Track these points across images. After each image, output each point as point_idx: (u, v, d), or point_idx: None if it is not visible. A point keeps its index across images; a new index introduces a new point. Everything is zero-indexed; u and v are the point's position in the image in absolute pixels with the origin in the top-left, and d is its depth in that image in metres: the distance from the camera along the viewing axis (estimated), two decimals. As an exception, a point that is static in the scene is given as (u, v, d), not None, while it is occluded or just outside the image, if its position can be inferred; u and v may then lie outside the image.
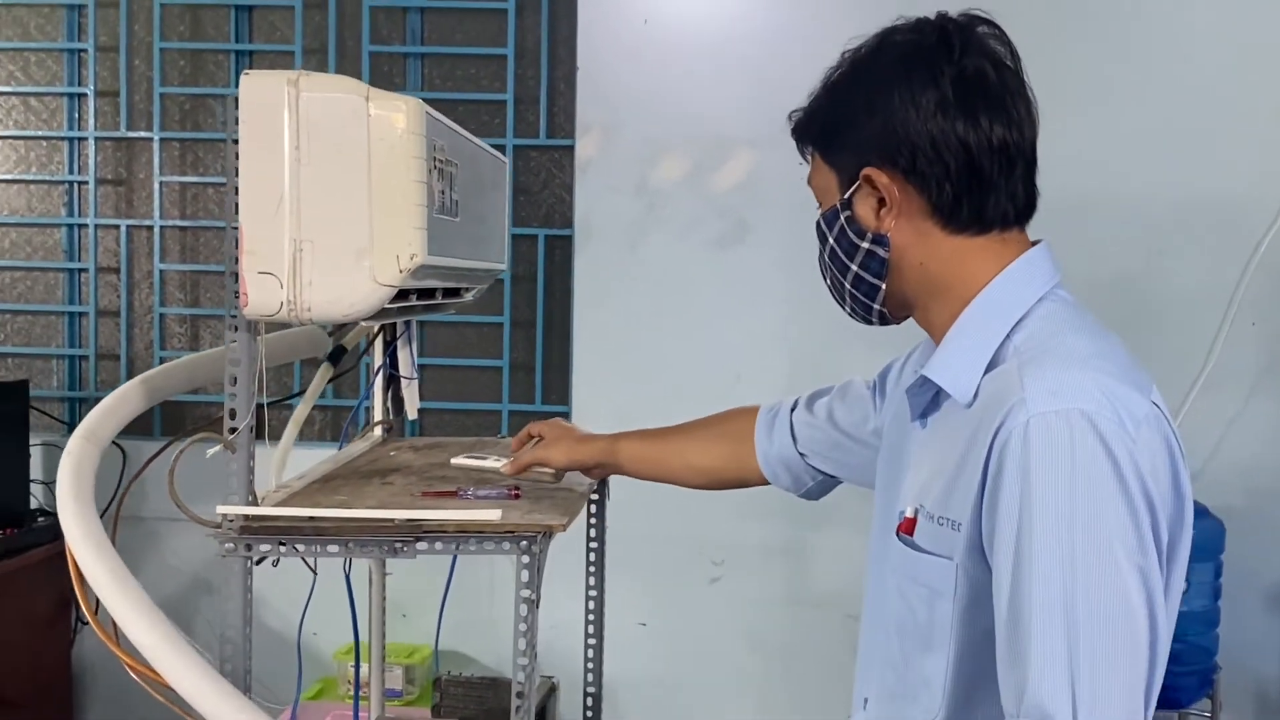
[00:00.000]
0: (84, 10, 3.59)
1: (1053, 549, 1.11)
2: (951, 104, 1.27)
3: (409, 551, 1.81)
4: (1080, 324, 1.28)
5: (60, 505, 1.87)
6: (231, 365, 1.81)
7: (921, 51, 1.29)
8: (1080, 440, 1.12)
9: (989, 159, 1.28)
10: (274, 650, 3.41)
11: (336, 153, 1.72)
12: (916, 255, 1.32)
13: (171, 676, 1.73)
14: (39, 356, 3.68)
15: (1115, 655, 1.10)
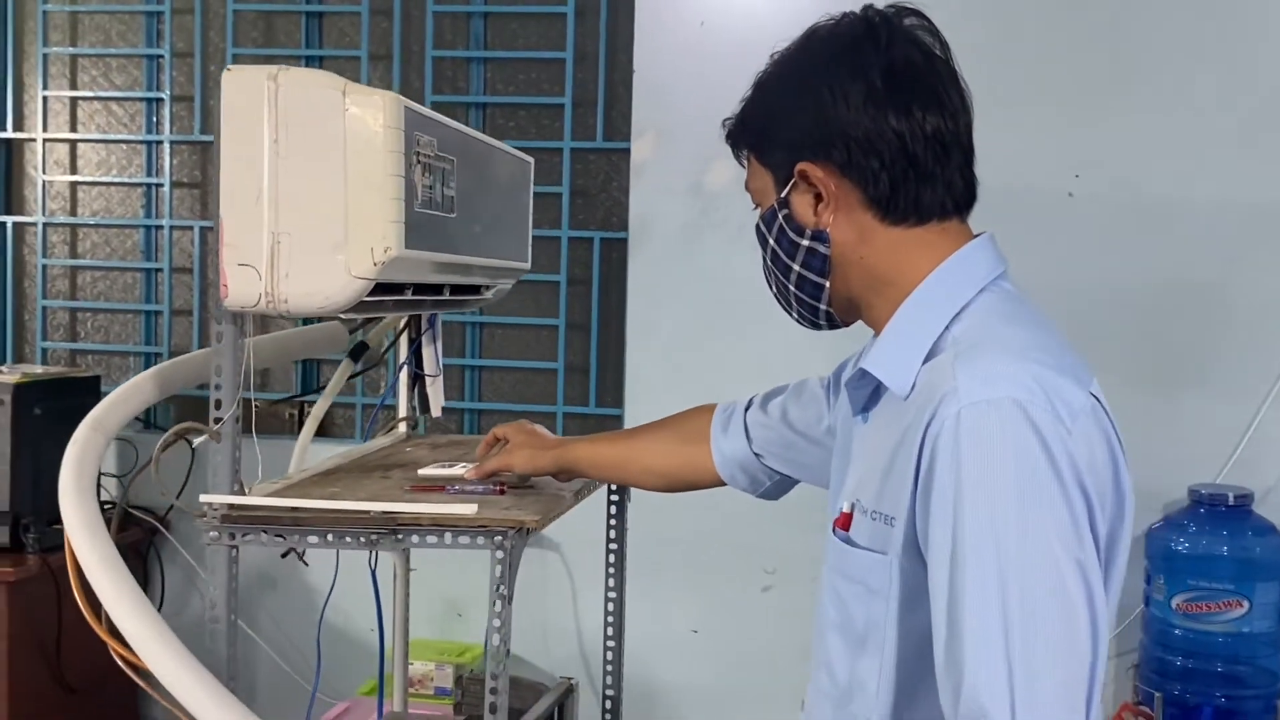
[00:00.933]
0: (161, 17, 3.70)
1: (987, 542, 1.09)
2: (882, 94, 1.26)
3: (385, 544, 1.83)
4: (1019, 315, 1.26)
5: (61, 491, 1.93)
6: (216, 357, 1.84)
7: (849, 44, 1.28)
8: (1012, 430, 1.10)
9: (923, 148, 1.26)
10: (336, 645, 3.49)
11: (314, 147, 1.74)
12: (857, 250, 1.30)
13: (151, 661, 1.77)
14: (116, 353, 3.80)
15: (1054, 650, 1.07)
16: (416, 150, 1.81)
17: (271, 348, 2.31)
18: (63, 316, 3.84)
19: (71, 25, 3.77)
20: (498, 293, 2.44)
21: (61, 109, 3.79)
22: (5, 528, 3.14)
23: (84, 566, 1.84)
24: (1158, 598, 3.02)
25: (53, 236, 3.81)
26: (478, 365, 3.63)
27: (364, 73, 3.58)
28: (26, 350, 3.84)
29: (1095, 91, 3.20)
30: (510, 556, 1.78)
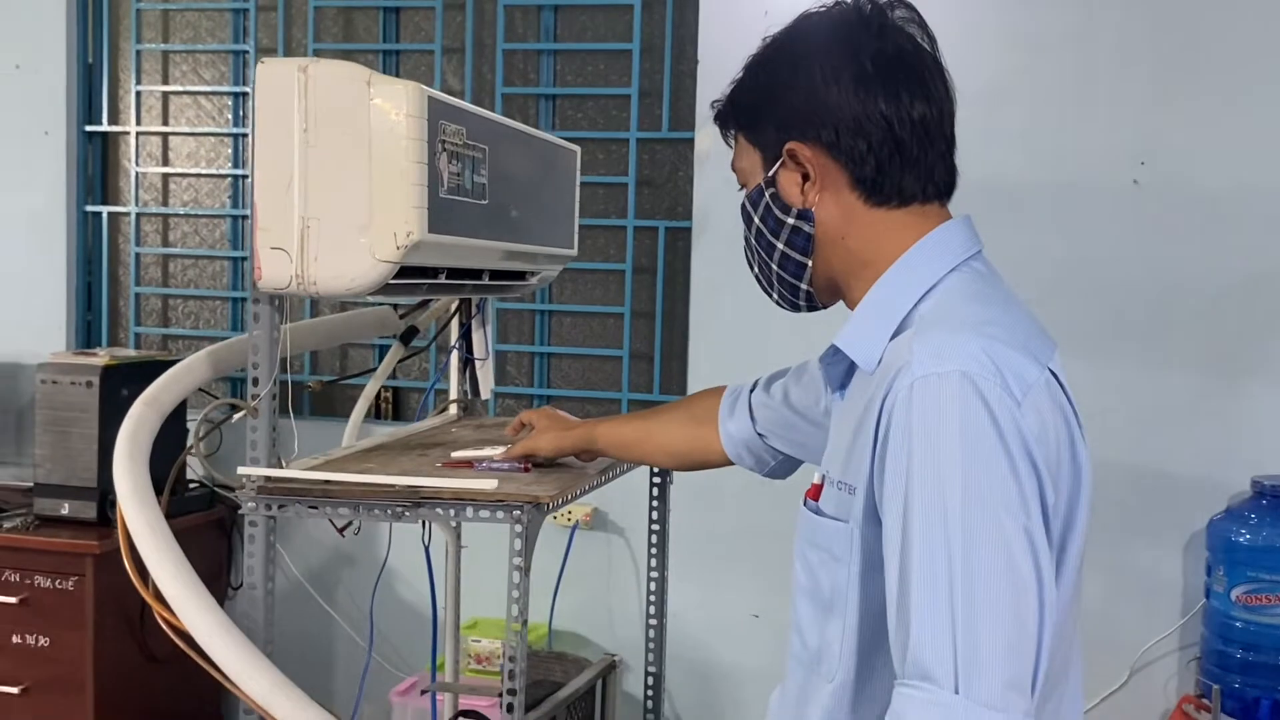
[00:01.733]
0: (247, 14, 3.84)
1: (935, 509, 1.12)
2: (872, 78, 1.29)
3: (411, 516, 1.90)
4: (984, 293, 1.29)
5: (115, 462, 2.04)
6: (253, 336, 1.93)
7: (842, 28, 1.32)
8: (960, 401, 1.13)
9: (909, 133, 1.30)
10: (408, 622, 3.60)
11: (341, 135, 1.82)
12: (840, 229, 1.33)
13: (188, 622, 1.87)
14: (205, 338, 3.95)
15: (999, 616, 1.09)
16: (442, 138, 1.88)
17: (321, 331, 2.41)
18: (155, 303, 4.01)
19: (163, 22, 3.93)
20: (543, 279, 2.51)
21: (154, 103, 3.95)
22: (93, 503, 3.28)
23: (132, 533, 1.95)
24: (1218, 589, 2.99)
25: (145, 226, 3.98)
26: (546, 352, 3.71)
27: (437, 66, 3.68)
28: (121, 335, 4.02)
29: (1161, 79, 3.17)
30: (527, 530, 1.85)
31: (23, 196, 3.89)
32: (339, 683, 3.76)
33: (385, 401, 3.82)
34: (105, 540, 3.22)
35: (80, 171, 3.93)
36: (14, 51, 3.86)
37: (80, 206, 3.94)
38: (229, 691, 1.87)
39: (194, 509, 3.57)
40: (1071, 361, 3.34)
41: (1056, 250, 3.25)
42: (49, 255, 3.90)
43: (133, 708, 3.38)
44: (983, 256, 1.36)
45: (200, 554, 3.51)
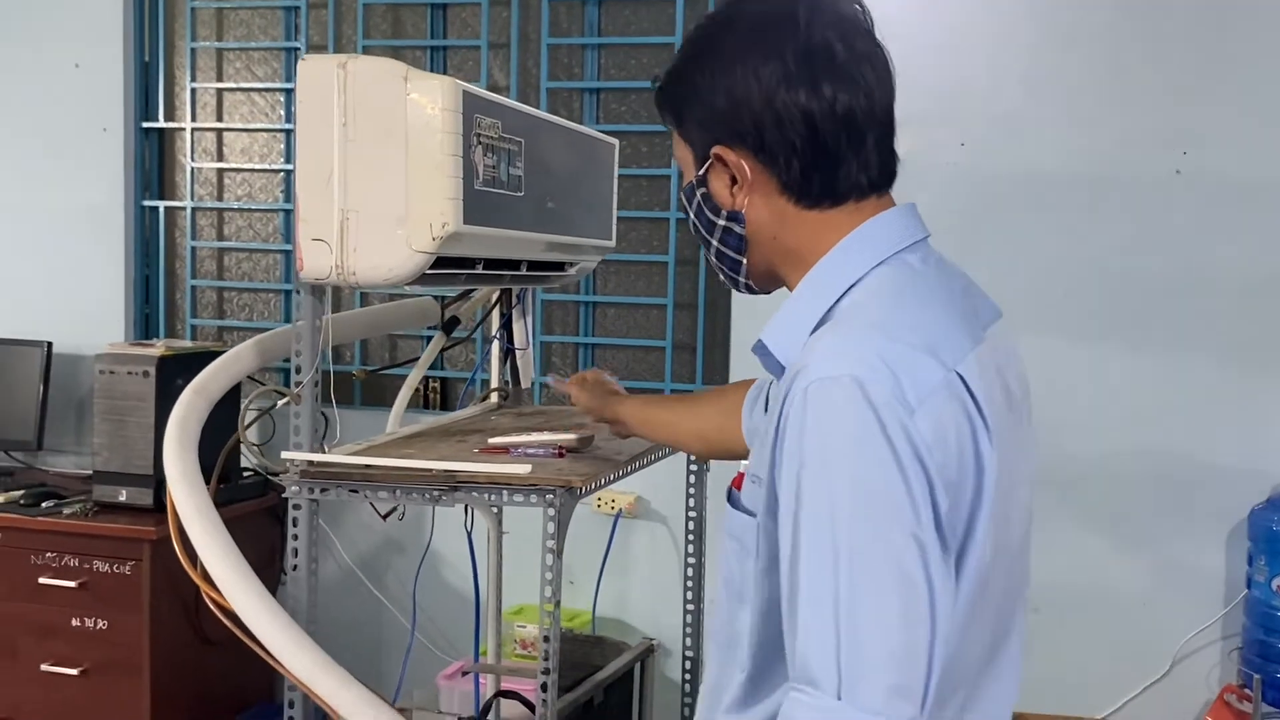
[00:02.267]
0: (298, 12, 3.91)
1: (823, 515, 1.10)
2: (794, 75, 1.24)
3: (447, 500, 1.96)
4: (904, 290, 1.24)
5: (165, 448, 2.11)
6: (297, 325, 1.99)
7: (767, 24, 1.27)
8: (850, 406, 1.11)
9: (835, 130, 1.24)
10: (456, 608, 3.66)
11: (379, 130, 1.88)
12: (771, 230, 1.30)
13: (234, 601, 1.93)
14: (259, 330, 4.03)
15: (884, 622, 1.08)
16: (477, 132, 1.94)
17: (362, 321, 2.47)
18: (210, 295, 4.10)
19: (217, 21, 4.02)
20: (581, 270, 2.56)
21: (208, 100, 4.04)
22: (149, 489, 3.37)
23: (181, 515, 2.02)
24: (1259, 579, 2.98)
25: (201, 220, 4.07)
26: (590, 343, 3.76)
27: (483, 61, 3.74)
28: (177, 327, 4.11)
29: (1203, 68, 3.16)
30: (560, 514, 1.90)
31: (82, 192, 3.99)
32: (387, 665, 3.83)
33: (433, 391, 3.89)
34: (161, 526, 3.28)
35: (138, 167, 4.03)
36: (73, 50, 3.96)
37: (138, 201, 4.04)
38: (282, 674, 1.93)
39: (248, 496, 3.65)
40: (1111, 351, 3.37)
41: (1096, 240, 3.25)
42: (108, 249, 4.00)
43: (188, 690, 3.46)
44: (921, 247, 1.30)
45: (254, 540, 3.60)
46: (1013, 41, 3.30)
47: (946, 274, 1.30)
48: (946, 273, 1.30)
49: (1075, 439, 3.29)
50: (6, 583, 3.40)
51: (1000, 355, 1.27)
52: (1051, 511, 3.33)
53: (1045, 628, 3.35)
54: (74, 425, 3.96)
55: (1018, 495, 1.25)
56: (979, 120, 3.33)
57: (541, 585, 1.93)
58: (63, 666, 3.34)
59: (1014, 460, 1.22)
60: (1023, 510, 1.27)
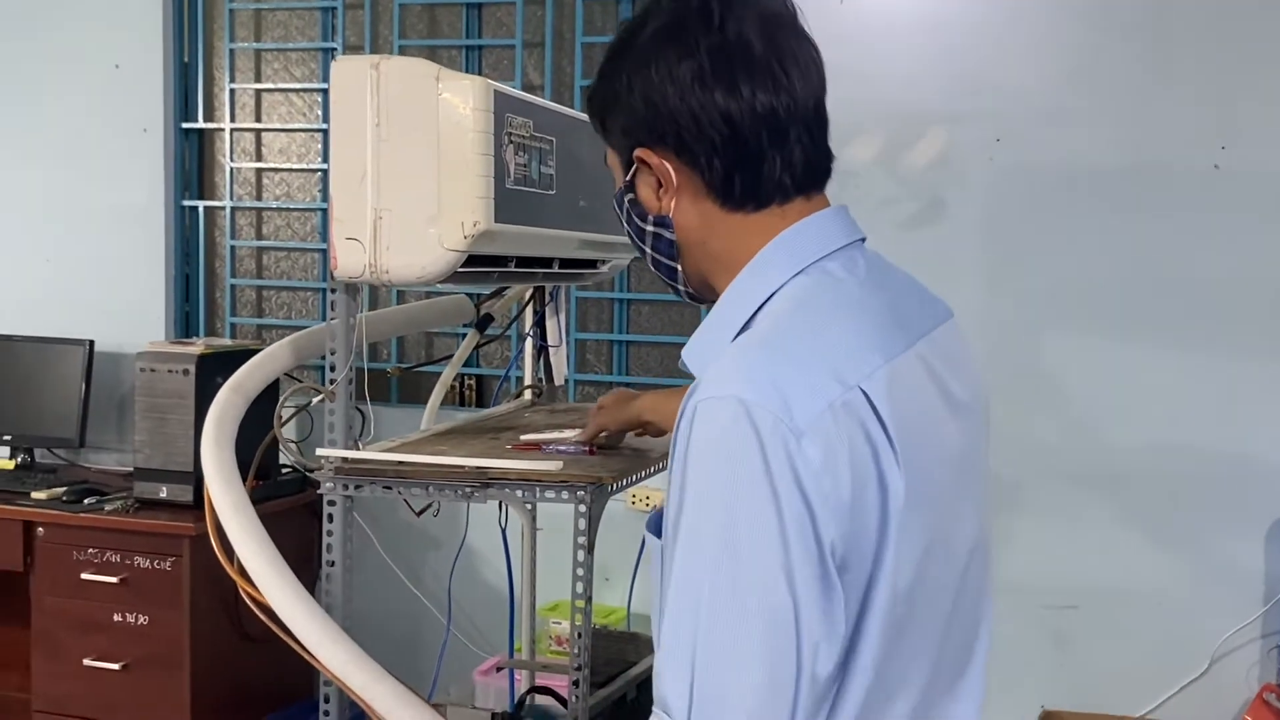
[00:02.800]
0: (335, 13, 3.95)
1: (694, 539, 1.07)
2: (709, 74, 1.20)
3: (479, 496, 1.97)
4: (812, 302, 1.19)
5: (202, 445, 2.14)
6: (331, 323, 2.01)
7: (681, 21, 1.22)
8: (733, 430, 1.07)
9: (754, 129, 1.20)
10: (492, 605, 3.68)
11: (411, 129, 1.89)
12: (699, 235, 1.25)
13: (271, 598, 1.95)
14: (298, 328, 4.05)
15: (744, 655, 1.04)
16: (508, 131, 1.95)
17: (396, 319, 2.49)
18: (249, 294, 4.14)
19: (255, 22, 4.06)
20: (614, 268, 2.57)
21: (247, 100, 4.08)
22: (190, 486, 3.41)
23: (218, 512, 2.04)
24: (1298, 578, 2.96)
25: (240, 220, 4.11)
26: (625, 340, 3.77)
27: (518, 60, 3.75)
28: (217, 325, 4.16)
29: (1243, 63, 3.14)
30: (590, 510, 1.91)
31: (123, 192, 4.04)
32: (425, 662, 3.85)
33: (469, 389, 3.92)
34: (201, 522, 3.28)
35: (177, 167, 4.07)
36: (114, 52, 4.01)
37: (178, 201, 4.08)
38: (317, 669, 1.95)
39: (285, 493, 3.68)
40: (1150, 347, 3.34)
41: (1135, 234, 3.23)
42: (148, 248, 4.04)
43: (228, 685, 3.50)
44: (847, 252, 1.24)
45: (292, 536, 3.62)
46: (1050, 35, 3.29)
47: (876, 280, 1.23)
48: (876, 279, 1.23)
49: (1113, 436, 3.27)
50: (50, 578, 3.45)
51: (940, 361, 1.22)
52: (1090, 509, 3.32)
53: (1084, 625, 3.34)
54: (115, 423, 4.01)
55: (957, 514, 1.20)
56: (1016, 115, 3.32)
57: (573, 581, 1.94)
58: (105, 661, 3.38)
59: (946, 478, 1.18)
60: (967, 529, 1.22)
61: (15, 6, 4.08)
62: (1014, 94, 3.32)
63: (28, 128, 4.09)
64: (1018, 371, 3.32)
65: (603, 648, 2.62)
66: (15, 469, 3.86)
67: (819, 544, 1.06)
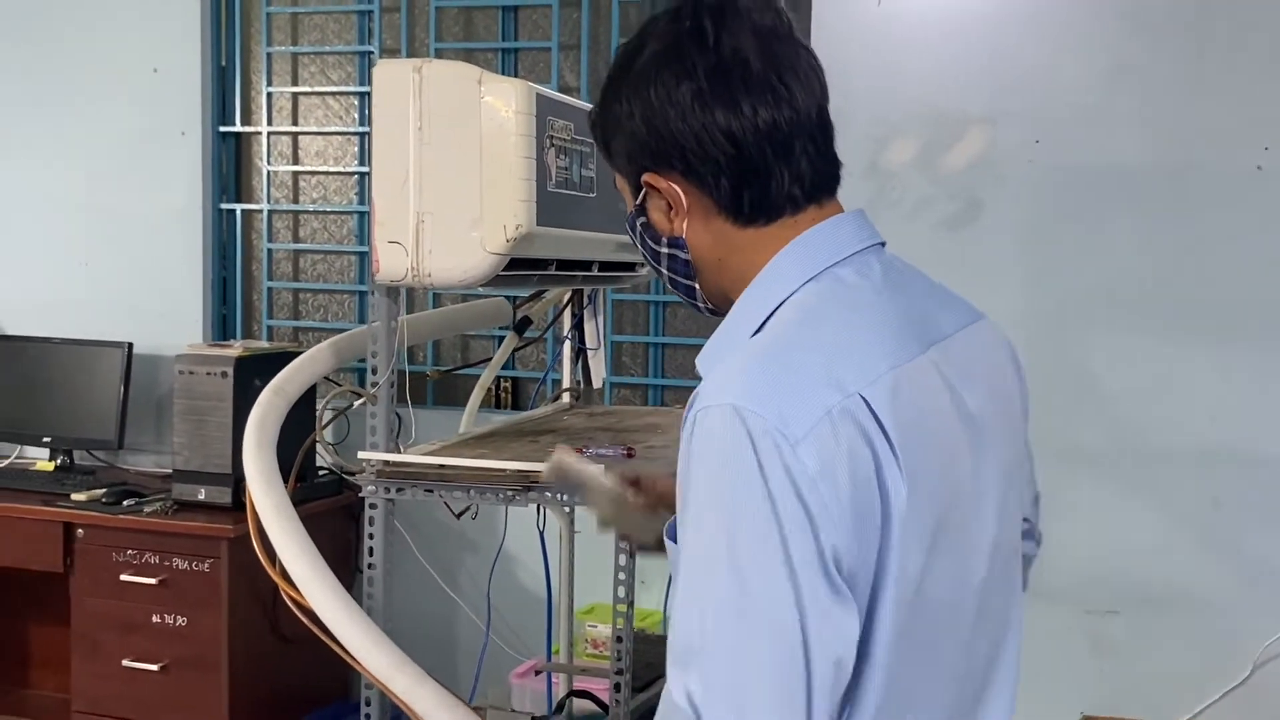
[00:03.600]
0: (372, 16, 3.96)
1: (697, 547, 1.08)
2: (709, 95, 1.20)
3: (521, 500, 1.97)
4: (818, 309, 1.20)
5: (244, 447, 2.15)
6: (372, 326, 2.01)
7: (677, 43, 1.22)
8: (730, 437, 1.07)
9: (759, 145, 1.21)
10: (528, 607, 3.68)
11: (453, 132, 1.90)
12: (714, 253, 1.26)
13: (312, 599, 1.96)
14: (334, 330, 4.08)
15: (754, 667, 1.04)
16: (550, 134, 1.95)
17: (437, 321, 2.49)
18: (286, 297, 4.16)
19: (293, 26, 4.08)
20: (652, 270, 2.56)
21: (284, 104, 4.09)
22: (228, 488, 3.42)
23: (260, 514, 2.05)
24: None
25: (277, 223, 4.13)
26: (660, 343, 3.77)
27: (554, 63, 3.75)
28: (254, 328, 4.17)
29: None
30: (633, 514, 1.89)
31: (162, 195, 4.06)
32: (461, 663, 3.86)
33: (505, 391, 3.92)
34: (239, 524, 3.34)
35: (215, 170, 4.09)
36: (152, 56, 4.03)
37: (215, 204, 4.10)
38: (357, 671, 1.96)
39: (323, 495, 3.69)
40: (1193, 348, 3.31)
41: (1176, 236, 3.20)
42: (186, 251, 4.06)
43: (265, 686, 3.51)
44: (862, 257, 1.24)
45: (329, 538, 3.64)
46: (1091, 35, 3.26)
47: (892, 284, 1.23)
48: (893, 283, 1.23)
49: (1155, 438, 3.24)
50: (89, 579, 3.47)
51: (955, 367, 1.21)
52: (1130, 512, 3.29)
53: (1124, 630, 3.31)
54: (154, 425, 4.03)
55: (973, 520, 1.19)
56: (1056, 116, 3.29)
57: (614, 585, 1.94)
58: (143, 662, 3.40)
59: (958, 484, 1.17)
60: (986, 535, 1.21)
61: (55, 11, 4.10)
62: (1053, 94, 3.29)
63: (67, 131, 4.12)
64: (1056, 373, 3.29)
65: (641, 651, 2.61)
66: (55, 470, 3.88)
67: (819, 551, 1.06)
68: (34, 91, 4.14)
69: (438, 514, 3.85)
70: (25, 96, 4.15)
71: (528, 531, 2.64)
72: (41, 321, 4.10)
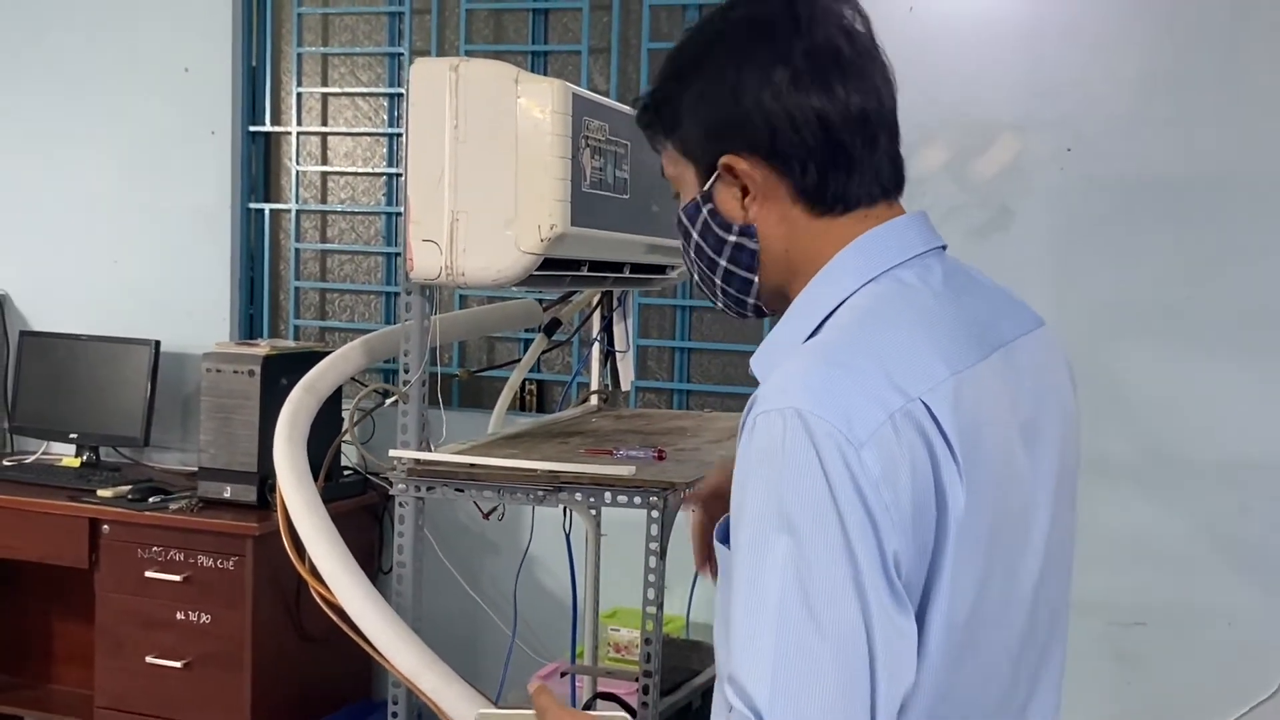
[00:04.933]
0: (402, 18, 3.96)
1: (758, 556, 1.06)
2: (805, 76, 1.18)
3: (551, 500, 1.96)
4: (879, 311, 1.17)
5: (275, 444, 2.15)
6: (405, 325, 2.01)
7: (768, 25, 1.21)
8: (791, 441, 1.06)
9: (849, 131, 1.19)
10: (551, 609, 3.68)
11: (489, 132, 1.90)
12: (782, 243, 1.23)
13: (341, 595, 1.96)
14: (360, 330, 4.09)
15: (818, 672, 1.03)
16: (585, 134, 1.95)
17: (467, 321, 2.49)
18: (313, 296, 4.17)
19: (323, 26, 4.09)
20: (683, 274, 2.56)
21: (314, 104, 4.10)
22: (253, 486, 3.43)
23: (290, 511, 2.05)
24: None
25: (305, 222, 4.14)
26: (686, 347, 3.76)
27: (584, 66, 3.76)
28: (281, 327, 4.18)
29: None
30: (663, 515, 1.89)
31: (191, 194, 4.08)
32: (483, 666, 3.85)
33: (529, 394, 3.92)
34: (264, 522, 3.35)
35: (244, 170, 4.10)
36: (183, 55, 4.05)
37: (244, 204, 4.11)
38: (379, 669, 1.96)
39: (347, 494, 3.70)
40: (1231, 359, 3.29)
41: (1208, 246, 3.19)
42: (215, 250, 4.08)
43: (288, 684, 3.52)
44: (924, 260, 1.22)
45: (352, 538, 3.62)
46: (1124, 42, 3.25)
47: (953, 289, 1.21)
48: (954, 287, 1.21)
49: (1183, 449, 3.22)
50: (114, 576, 3.48)
51: (1014, 374, 1.19)
52: (1159, 523, 3.27)
53: (1151, 643, 3.29)
54: (180, 422, 4.04)
55: (1025, 528, 1.18)
56: (1088, 123, 3.28)
57: (644, 587, 1.93)
58: (167, 659, 3.41)
59: (1013, 491, 1.16)
60: (1035, 543, 1.19)
61: (88, 10, 4.13)
62: (1086, 102, 3.28)
63: (99, 129, 4.14)
64: (1085, 383, 3.21)
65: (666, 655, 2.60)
66: (81, 467, 3.90)
67: (883, 556, 1.05)
68: (67, 90, 4.17)
69: (460, 516, 3.87)
70: (59, 94, 4.18)
71: (550, 534, 2.63)
72: (70, 318, 4.12)
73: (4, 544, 3.62)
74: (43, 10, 4.18)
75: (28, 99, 4.21)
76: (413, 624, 2.01)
